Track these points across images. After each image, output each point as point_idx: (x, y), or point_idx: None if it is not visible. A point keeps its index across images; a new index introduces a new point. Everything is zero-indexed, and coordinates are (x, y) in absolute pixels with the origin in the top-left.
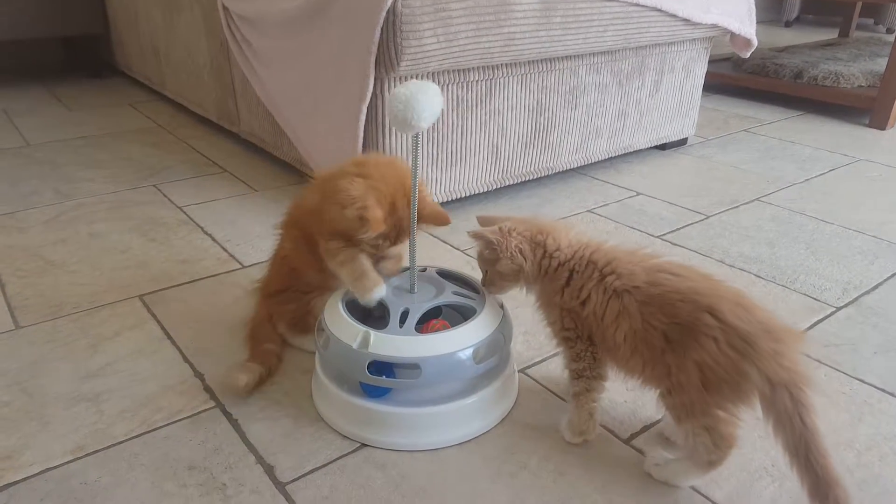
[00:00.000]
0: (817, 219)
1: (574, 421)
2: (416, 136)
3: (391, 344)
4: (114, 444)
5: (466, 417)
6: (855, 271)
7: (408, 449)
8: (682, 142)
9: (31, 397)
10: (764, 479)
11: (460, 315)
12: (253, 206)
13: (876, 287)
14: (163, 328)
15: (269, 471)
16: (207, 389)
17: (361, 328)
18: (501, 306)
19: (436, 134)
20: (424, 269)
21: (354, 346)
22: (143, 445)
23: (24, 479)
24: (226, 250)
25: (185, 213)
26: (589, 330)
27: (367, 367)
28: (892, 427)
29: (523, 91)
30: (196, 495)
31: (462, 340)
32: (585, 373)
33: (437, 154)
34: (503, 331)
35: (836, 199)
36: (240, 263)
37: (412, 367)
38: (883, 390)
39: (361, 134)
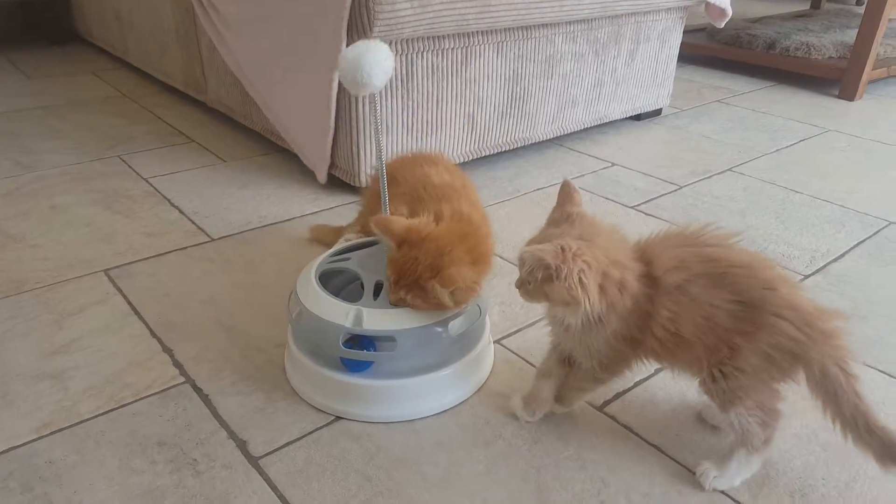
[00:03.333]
0: (787, 188)
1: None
2: (372, 96)
3: (367, 317)
4: (80, 422)
5: (442, 388)
6: (823, 240)
7: (383, 420)
8: (657, 112)
9: None
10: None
11: None
12: (221, 178)
13: (842, 255)
14: (129, 303)
15: (242, 446)
16: (177, 364)
17: (352, 306)
18: None
19: (410, 102)
20: None
21: (347, 324)
22: (111, 423)
23: None
24: (194, 223)
25: (151, 184)
26: (647, 340)
27: (344, 342)
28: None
29: (499, 59)
30: (166, 472)
31: (438, 312)
32: (614, 378)
33: (412, 123)
34: (479, 301)
35: (806, 170)
36: (209, 236)
37: (388, 339)
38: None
39: (334, 103)
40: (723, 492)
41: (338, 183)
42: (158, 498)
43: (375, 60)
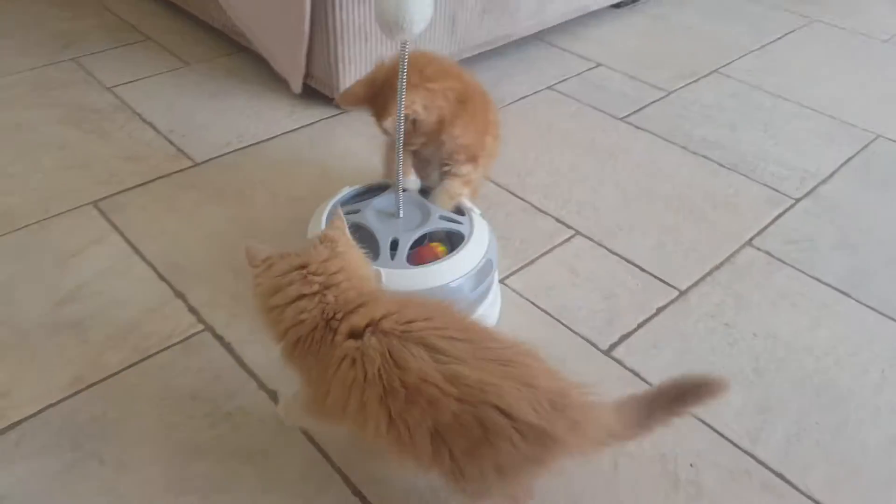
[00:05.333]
0: (775, 95)
1: None
2: (405, 44)
3: (385, 278)
4: (110, 376)
5: None
6: (812, 157)
7: None
8: None
9: (10, 327)
10: (732, 386)
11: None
12: (189, 85)
13: (831, 175)
14: (128, 241)
15: (274, 397)
16: (192, 311)
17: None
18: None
19: None
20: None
21: None
22: (141, 375)
23: (30, 417)
24: (172, 143)
25: (115, 95)
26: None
27: None
28: (847, 329)
29: None
30: (205, 426)
31: (457, 270)
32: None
33: None
34: (491, 253)
35: (793, 71)
36: (191, 160)
37: None
38: (838, 290)
39: (309, 7)
40: (727, 438)
41: (314, 93)
42: (201, 454)
43: (419, 3)
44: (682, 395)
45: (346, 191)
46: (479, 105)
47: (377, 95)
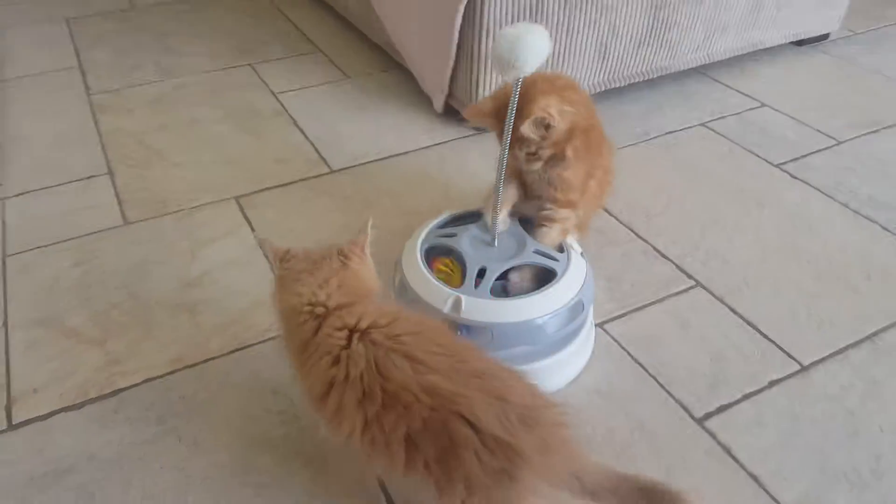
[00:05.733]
0: None
1: None
2: (518, 81)
3: (465, 305)
4: (209, 360)
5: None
6: None
7: None
8: (824, 37)
9: (136, 301)
10: (841, 484)
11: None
12: (344, 98)
13: None
14: (256, 237)
15: None
16: None
17: (452, 292)
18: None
19: None
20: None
21: (445, 309)
22: (235, 363)
23: (131, 387)
24: (316, 150)
25: (279, 101)
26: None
27: None
28: None
29: None
30: (277, 423)
31: (542, 307)
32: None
33: None
34: (584, 295)
35: None
36: (328, 167)
37: (482, 330)
38: None
39: (457, 35)
40: None
41: (453, 113)
42: (268, 449)
43: (534, 44)
44: (648, 496)
45: (445, 215)
46: (594, 140)
47: (504, 109)
